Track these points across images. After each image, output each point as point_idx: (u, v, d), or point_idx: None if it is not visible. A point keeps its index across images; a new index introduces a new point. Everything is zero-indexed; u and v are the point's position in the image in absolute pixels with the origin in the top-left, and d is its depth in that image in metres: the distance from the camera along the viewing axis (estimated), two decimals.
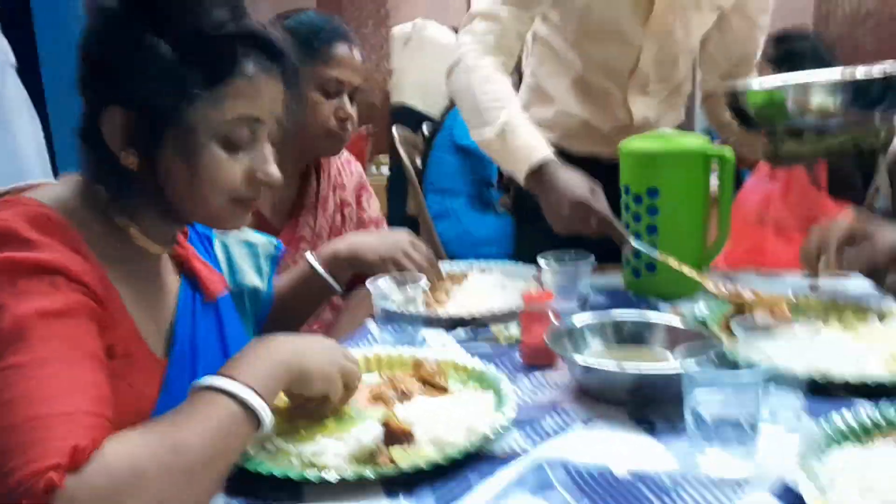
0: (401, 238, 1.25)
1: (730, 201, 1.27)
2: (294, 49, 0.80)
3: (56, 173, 3.45)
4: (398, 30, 4.89)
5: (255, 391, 0.69)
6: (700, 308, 1.13)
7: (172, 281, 0.88)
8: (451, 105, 3.21)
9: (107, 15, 0.72)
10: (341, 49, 1.34)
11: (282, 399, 0.82)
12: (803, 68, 1.97)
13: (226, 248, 1.06)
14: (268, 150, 0.80)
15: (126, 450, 0.59)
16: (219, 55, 0.73)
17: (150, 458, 0.60)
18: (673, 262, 1.20)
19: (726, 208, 1.28)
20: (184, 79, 0.71)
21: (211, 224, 0.85)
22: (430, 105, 4.48)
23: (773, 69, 2.18)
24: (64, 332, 0.64)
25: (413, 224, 3.12)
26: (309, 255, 1.20)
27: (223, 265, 1.03)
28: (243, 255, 1.09)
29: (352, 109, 1.37)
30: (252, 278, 1.08)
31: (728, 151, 1.24)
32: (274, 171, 0.80)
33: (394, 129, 3.20)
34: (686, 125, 1.62)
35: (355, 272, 1.23)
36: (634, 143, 1.30)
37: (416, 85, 4.56)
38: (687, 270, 1.19)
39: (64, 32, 3.79)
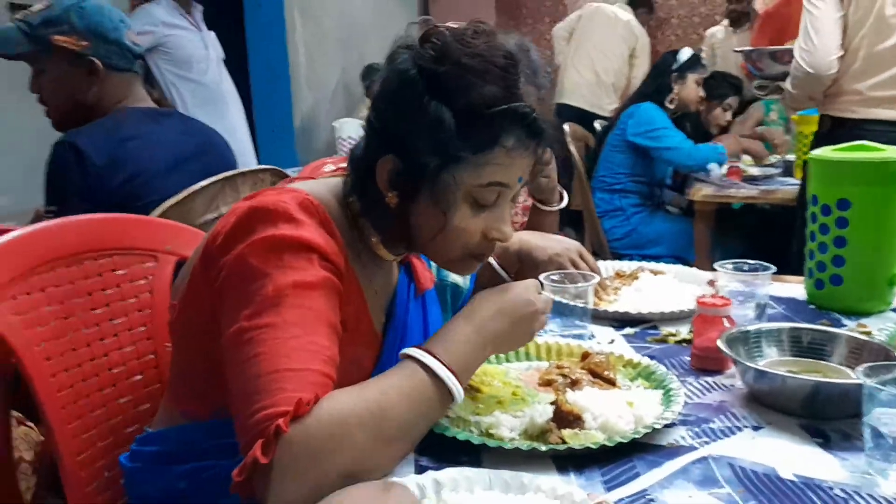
0: (572, 245, 1.30)
1: None
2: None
3: (258, 155, 3.84)
4: (559, 27, 4.82)
5: (454, 372, 0.78)
6: (887, 325, 1.08)
7: (394, 271, 1.00)
8: (626, 104, 3.18)
9: (403, 79, 0.83)
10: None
11: None
12: None
13: None
14: (507, 211, 0.88)
15: (338, 409, 0.70)
16: (487, 127, 0.81)
17: (357, 420, 0.71)
18: None
19: None
20: (454, 143, 0.81)
21: (442, 266, 0.95)
22: (595, 103, 4.39)
23: None
24: (311, 302, 0.77)
25: (576, 219, 3.14)
26: None
27: (433, 263, 1.15)
28: None
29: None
30: (456, 277, 1.19)
31: None
32: (508, 231, 0.88)
33: (565, 126, 3.24)
34: None
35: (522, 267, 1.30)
36: (825, 152, 1.25)
37: (576, 83, 4.50)
38: None
39: (269, 31, 4.20)
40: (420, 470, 0.76)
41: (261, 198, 0.83)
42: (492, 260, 1.26)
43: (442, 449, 0.80)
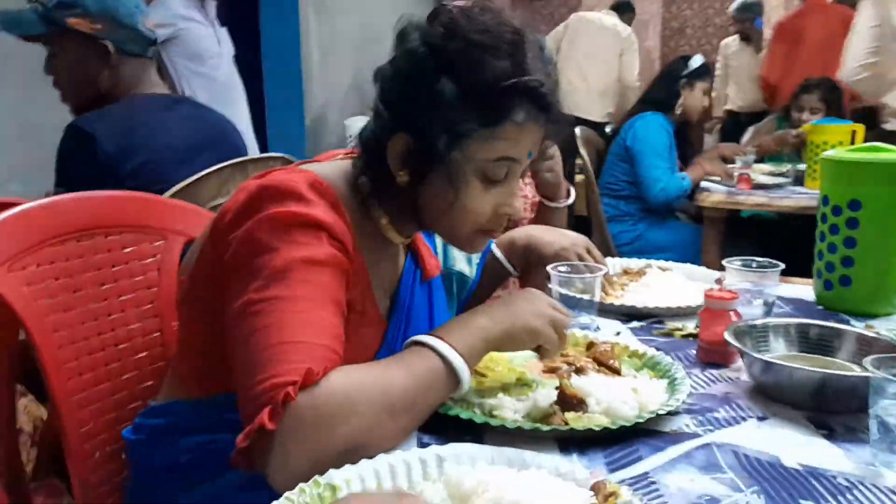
0: (579, 240, 1.30)
1: None
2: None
3: (266, 149, 3.86)
4: (546, 38, 4.81)
5: (459, 353, 0.78)
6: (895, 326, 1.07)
7: (400, 256, 1.00)
8: (633, 110, 3.17)
9: (413, 57, 0.84)
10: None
11: None
12: None
13: None
14: (517, 186, 0.89)
15: (345, 381, 0.71)
16: (497, 103, 0.82)
17: (363, 392, 0.71)
18: None
19: None
20: (464, 119, 0.82)
21: (452, 243, 0.95)
22: (587, 110, 4.37)
23: None
24: (319, 278, 0.77)
25: (584, 225, 3.13)
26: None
27: (439, 250, 1.15)
28: None
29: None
30: (462, 265, 1.19)
31: None
32: (519, 206, 0.89)
33: (576, 129, 3.24)
34: None
35: (529, 261, 1.29)
36: (840, 152, 1.25)
37: (567, 92, 4.47)
38: None
39: (283, 29, 4.22)
40: (423, 447, 0.76)
41: (271, 176, 0.84)
42: (498, 253, 1.27)
43: (445, 428, 0.79)
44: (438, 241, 1.18)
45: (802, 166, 2.96)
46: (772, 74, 4.19)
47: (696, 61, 3.01)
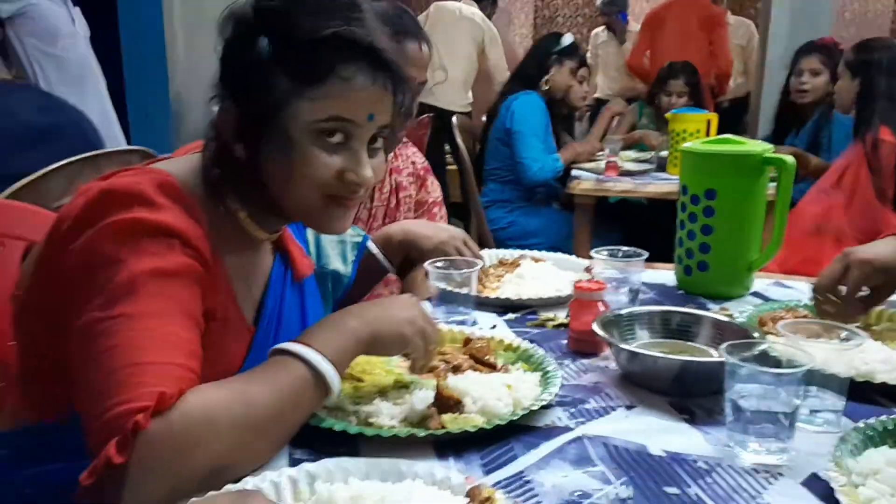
0: (457, 233, 1.30)
1: (786, 207, 1.28)
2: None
3: (127, 135, 3.61)
4: None
5: (328, 359, 0.74)
6: (746, 308, 1.15)
7: (267, 257, 0.95)
8: (506, 89, 3.20)
9: (236, 19, 0.79)
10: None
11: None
12: (879, 76, 2.01)
13: (316, 233, 1.13)
14: (363, 154, 0.83)
15: (203, 402, 0.66)
16: (319, 56, 0.77)
17: (224, 410, 0.66)
18: None
19: (782, 214, 1.28)
20: (283, 77, 0.77)
21: (309, 223, 0.89)
22: (448, 100, 4.39)
23: (850, 75, 2.24)
24: (170, 291, 0.71)
25: (458, 211, 3.14)
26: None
27: (311, 248, 1.10)
28: (331, 241, 1.16)
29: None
30: (336, 263, 1.15)
31: (788, 157, 1.25)
32: (366, 173, 0.83)
33: (453, 118, 3.25)
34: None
35: (407, 256, 1.28)
36: (696, 144, 1.32)
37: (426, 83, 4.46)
38: None
39: (143, 12, 3.96)
40: (294, 463, 0.72)
41: (114, 179, 0.76)
42: (375, 249, 1.24)
43: (318, 441, 0.76)
44: (311, 239, 1.13)
45: (665, 153, 3.13)
46: (632, 60, 4.50)
47: (567, 39, 3.10)
